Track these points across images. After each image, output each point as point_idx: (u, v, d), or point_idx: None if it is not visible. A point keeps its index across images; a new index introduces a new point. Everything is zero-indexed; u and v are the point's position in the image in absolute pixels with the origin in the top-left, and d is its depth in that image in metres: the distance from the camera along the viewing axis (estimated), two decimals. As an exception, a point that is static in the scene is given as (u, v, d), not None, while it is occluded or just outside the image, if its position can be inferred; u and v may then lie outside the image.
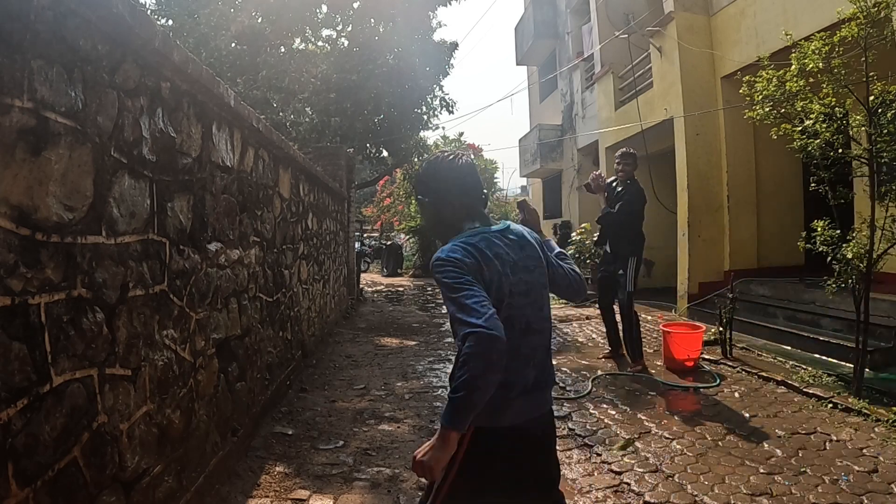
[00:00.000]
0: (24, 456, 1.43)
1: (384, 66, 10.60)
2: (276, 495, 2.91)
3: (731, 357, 5.32)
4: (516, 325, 1.54)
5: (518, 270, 1.59)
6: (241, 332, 3.53)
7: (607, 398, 4.42)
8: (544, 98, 17.14)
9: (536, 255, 1.69)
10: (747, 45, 6.98)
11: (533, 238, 1.73)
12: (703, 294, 7.73)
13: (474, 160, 1.84)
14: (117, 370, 1.94)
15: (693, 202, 7.90)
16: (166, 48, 2.23)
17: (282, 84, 10.78)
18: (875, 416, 3.65)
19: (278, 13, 10.72)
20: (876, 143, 3.98)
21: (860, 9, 3.80)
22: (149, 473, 2.15)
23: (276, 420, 3.99)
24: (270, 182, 4.33)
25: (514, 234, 1.67)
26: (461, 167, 1.71)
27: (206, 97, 2.82)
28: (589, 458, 3.34)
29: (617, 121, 10.04)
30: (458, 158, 1.73)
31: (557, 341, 6.70)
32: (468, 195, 1.68)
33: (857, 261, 3.97)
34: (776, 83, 4.34)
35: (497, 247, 1.58)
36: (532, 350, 1.61)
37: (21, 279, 1.44)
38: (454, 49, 11.97)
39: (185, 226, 2.62)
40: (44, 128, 1.54)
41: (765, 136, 5.67)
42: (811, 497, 2.73)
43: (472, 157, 1.89)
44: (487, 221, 1.67)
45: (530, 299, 1.61)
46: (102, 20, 1.81)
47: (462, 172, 1.70)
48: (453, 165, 1.71)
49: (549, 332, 1.71)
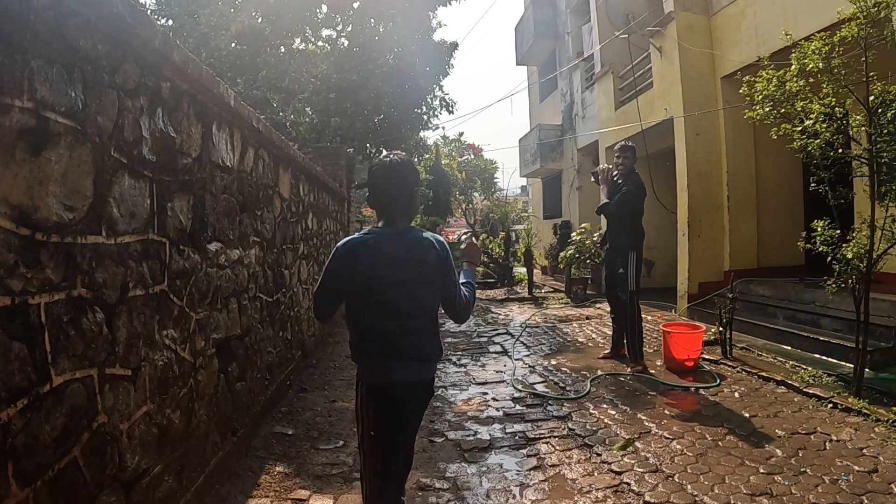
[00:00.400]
0: (24, 456, 1.43)
1: (384, 66, 10.60)
2: (277, 495, 2.91)
3: (731, 357, 5.32)
4: (386, 308, 1.96)
5: (396, 265, 1.95)
6: (241, 332, 3.53)
7: (607, 398, 4.42)
8: (544, 98, 17.15)
9: (424, 259, 2.01)
10: (747, 45, 6.98)
11: (435, 248, 2.04)
12: (703, 294, 7.73)
13: (400, 162, 2.07)
14: (117, 370, 1.94)
15: (693, 202, 7.90)
16: (166, 48, 2.23)
17: (282, 84, 10.77)
18: (875, 416, 3.65)
19: (278, 13, 10.72)
20: (876, 143, 3.98)
21: (860, 9, 3.80)
22: (149, 473, 2.15)
23: (276, 420, 3.99)
24: (270, 182, 4.33)
25: (407, 240, 2.01)
26: (377, 174, 2.07)
27: (206, 97, 2.82)
28: (589, 457, 3.34)
29: (617, 121, 10.04)
30: (380, 166, 2.08)
31: (557, 341, 6.70)
32: (382, 198, 2.06)
33: (857, 261, 3.97)
34: (776, 83, 4.34)
35: (382, 244, 1.96)
36: (402, 329, 1.98)
37: (21, 279, 1.44)
38: (454, 49, 11.96)
39: (185, 226, 2.62)
40: (44, 128, 1.54)
41: (765, 137, 5.67)
42: (811, 497, 2.73)
43: (399, 160, 2.09)
44: (392, 222, 2.03)
45: (403, 290, 1.96)
46: (102, 20, 1.81)
47: (378, 178, 2.07)
48: (375, 172, 2.09)
49: (426, 318, 2.05)
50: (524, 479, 3.10)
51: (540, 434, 3.73)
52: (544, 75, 16.44)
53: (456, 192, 20.30)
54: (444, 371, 5.47)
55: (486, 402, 4.46)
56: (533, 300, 10.51)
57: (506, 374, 5.25)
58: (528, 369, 5.43)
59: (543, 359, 5.82)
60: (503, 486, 3.01)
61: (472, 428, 3.89)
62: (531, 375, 5.20)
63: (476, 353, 6.26)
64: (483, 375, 5.27)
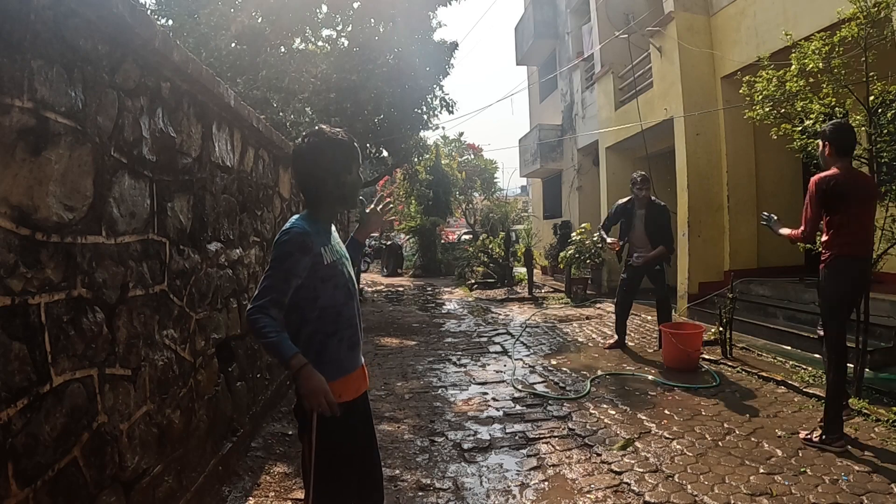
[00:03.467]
0: (24, 456, 1.43)
1: (384, 66, 10.59)
2: (276, 495, 2.91)
3: (731, 357, 5.32)
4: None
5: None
6: (241, 332, 3.53)
7: (607, 398, 4.42)
8: (544, 98, 17.13)
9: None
10: (747, 45, 6.97)
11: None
12: (703, 294, 7.72)
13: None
14: (117, 370, 1.94)
15: (693, 202, 7.90)
16: (166, 48, 2.23)
17: (282, 84, 10.76)
18: (875, 415, 3.65)
19: (278, 13, 10.71)
20: (876, 143, 3.98)
21: (860, 9, 3.80)
22: (149, 473, 2.15)
23: (276, 420, 3.99)
24: (270, 182, 4.34)
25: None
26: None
27: (206, 97, 2.82)
28: (589, 457, 3.34)
29: (617, 121, 10.04)
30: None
31: (557, 341, 6.70)
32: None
33: (857, 261, 3.97)
34: (776, 83, 4.34)
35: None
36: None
37: (21, 279, 1.44)
38: (454, 49, 11.95)
39: (185, 226, 2.62)
40: (44, 128, 1.54)
41: (765, 136, 5.67)
42: (811, 497, 2.73)
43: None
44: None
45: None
46: (102, 20, 1.81)
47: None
48: None
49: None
50: (524, 479, 3.10)
51: (540, 434, 3.73)
52: (544, 75, 16.42)
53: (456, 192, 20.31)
54: (444, 371, 5.47)
55: (487, 402, 4.46)
56: (533, 300, 10.51)
57: (506, 374, 5.25)
58: (528, 369, 5.43)
59: (543, 358, 5.82)
60: (503, 487, 3.01)
61: (472, 428, 3.89)
62: (531, 375, 5.20)
63: (476, 353, 6.26)
64: (483, 375, 5.27)
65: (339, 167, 1.85)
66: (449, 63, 11.94)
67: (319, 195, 1.87)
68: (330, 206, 1.91)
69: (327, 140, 1.84)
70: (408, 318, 8.90)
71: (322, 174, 1.83)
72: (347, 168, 1.87)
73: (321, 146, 1.84)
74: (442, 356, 6.11)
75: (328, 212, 1.92)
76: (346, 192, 1.89)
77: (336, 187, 1.86)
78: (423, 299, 11.57)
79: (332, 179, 1.84)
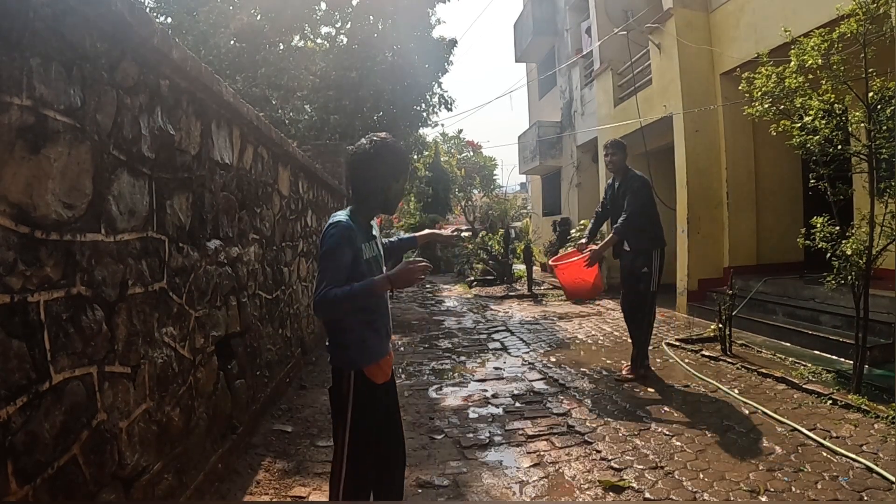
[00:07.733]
0: (23, 454, 1.43)
1: (383, 64, 10.59)
2: (276, 492, 2.92)
3: (730, 354, 5.33)
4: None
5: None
6: (241, 330, 3.53)
7: (607, 395, 4.43)
8: (543, 95, 17.12)
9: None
10: (746, 41, 6.96)
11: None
12: (702, 291, 7.73)
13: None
14: (117, 368, 1.94)
15: (692, 199, 7.90)
16: (165, 46, 2.23)
17: (281, 81, 10.75)
18: (875, 412, 3.65)
19: (277, 11, 10.69)
20: (875, 139, 3.97)
21: (859, 5, 3.79)
22: (148, 471, 2.16)
23: (276, 417, 4.00)
24: (269, 179, 4.33)
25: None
26: None
27: (205, 95, 2.82)
28: (588, 454, 3.35)
29: (616, 117, 10.03)
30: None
31: (557, 338, 6.71)
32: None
33: (857, 257, 3.97)
34: (775, 80, 4.33)
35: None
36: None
37: (20, 277, 1.44)
38: (453, 46, 11.95)
39: (185, 223, 2.62)
40: (43, 126, 1.53)
41: (764, 133, 5.66)
42: (811, 494, 2.74)
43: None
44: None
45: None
46: (101, 18, 1.81)
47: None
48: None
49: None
50: (524, 476, 3.10)
51: (539, 431, 3.73)
52: (543, 72, 16.40)
53: (455, 189, 20.33)
54: (443, 368, 5.47)
55: (486, 398, 4.47)
56: (532, 297, 10.51)
57: (505, 371, 5.26)
58: (528, 366, 5.44)
59: (543, 355, 5.82)
60: (503, 483, 3.02)
61: (472, 425, 3.89)
62: (531, 372, 5.21)
63: (475, 349, 6.27)
64: (482, 372, 5.28)
65: (389, 174, 2.02)
66: (448, 60, 11.94)
67: (367, 195, 2.03)
68: (371, 208, 2.08)
69: (389, 147, 2.02)
70: (407, 315, 8.90)
71: (374, 176, 2.00)
72: (395, 176, 2.05)
73: (382, 151, 2.00)
74: (441, 353, 6.12)
75: (368, 212, 2.08)
76: (389, 196, 2.06)
77: (382, 191, 2.03)
78: (422, 296, 11.58)
79: (381, 183, 2.02)
